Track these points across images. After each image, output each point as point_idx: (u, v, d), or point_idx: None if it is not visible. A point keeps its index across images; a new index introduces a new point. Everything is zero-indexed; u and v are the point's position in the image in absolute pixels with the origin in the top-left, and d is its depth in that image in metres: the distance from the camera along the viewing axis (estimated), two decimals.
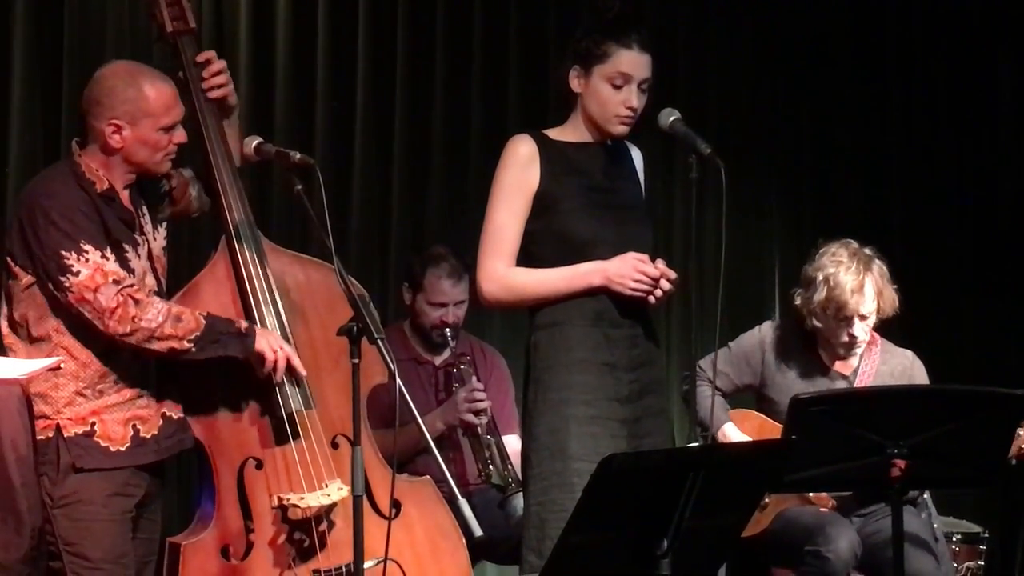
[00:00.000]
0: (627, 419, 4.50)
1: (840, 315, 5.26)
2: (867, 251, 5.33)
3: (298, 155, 4.51)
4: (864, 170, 7.45)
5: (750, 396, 5.52)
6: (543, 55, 6.76)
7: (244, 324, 4.46)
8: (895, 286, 5.34)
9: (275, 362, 4.48)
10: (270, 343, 4.48)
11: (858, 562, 5.18)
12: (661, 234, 6.85)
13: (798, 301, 5.36)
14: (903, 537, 4.61)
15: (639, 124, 4.61)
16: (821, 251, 5.36)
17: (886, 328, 5.49)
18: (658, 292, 4.52)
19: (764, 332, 5.48)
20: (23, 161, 5.71)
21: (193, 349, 4.38)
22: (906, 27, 7.52)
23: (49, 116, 5.79)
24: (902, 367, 5.44)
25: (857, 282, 5.24)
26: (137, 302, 4.32)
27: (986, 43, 7.49)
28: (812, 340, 5.40)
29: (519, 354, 4.73)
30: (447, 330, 5.71)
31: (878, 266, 5.31)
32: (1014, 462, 5.12)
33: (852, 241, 5.36)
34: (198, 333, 4.38)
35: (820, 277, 5.28)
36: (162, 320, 4.34)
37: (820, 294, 5.27)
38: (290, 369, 4.53)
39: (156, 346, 4.36)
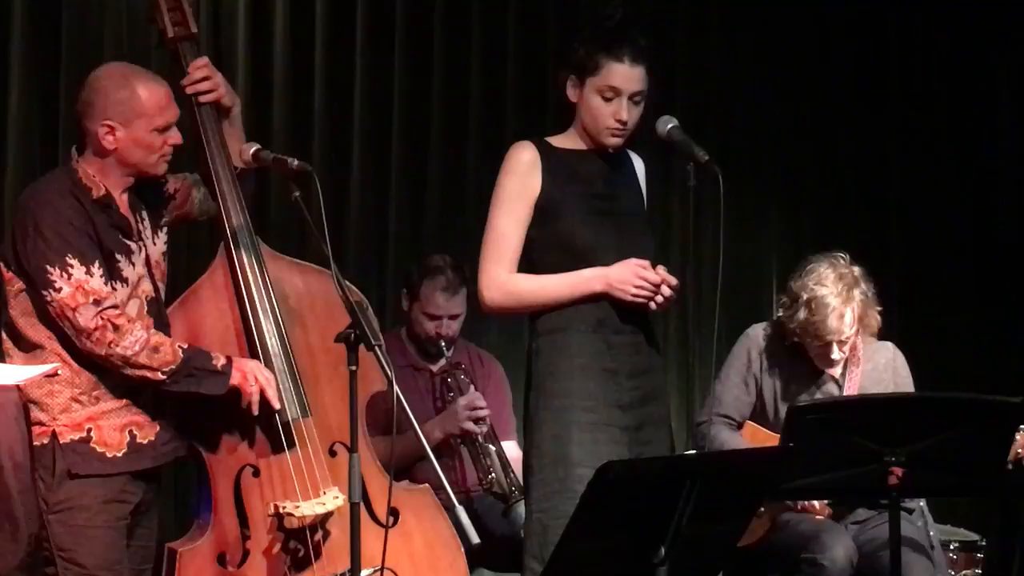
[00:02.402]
0: (628, 426, 4.51)
1: (819, 339, 5.26)
2: (856, 271, 5.31)
3: (296, 162, 4.51)
4: (862, 178, 7.45)
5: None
6: (542, 62, 6.76)
7: (222, 361, 4.44)
8: (876, 309, 5.33)
9: (250, 396, 4.47)
10: (247, 376, 4.46)
11: (854, 570, 5.17)
12: (658, 241, 6.81)
13: (780, 312, 5.37)
14: (900, 545, 4.62)
15: (635, 132, 4.62)
16: (808, 267, 5.33)
17: (882, 336, 5.50)
18: (659, 298, 4.54)
19: (752, 335, 5.47)
20: (20, 165, 5.70)
21: (167, 381, 4.37)
22: (906, 36, 7.52)
23: (46, 120, 5.79)
24: (885, 360, 5.45)
25: (838, 311, 5.22)
26: (116, 327, 4.31)
27: (986, 51, 7.50)
28: (800, 343, 5.41)
29: (516, 360, 4.74)
30: (441, 342, 5.72)
31: (861, 291, 5.29)
32: (1011, 466, 5.12)
33: (841, 259, 5.33)
34: (173, 366, 4.36)
35: (804, 298, 5.26)
36: (138, 349, 4.33)
37: (801, 315, 5.26)
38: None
39: (130, 372, 4.35)
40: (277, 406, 4.52)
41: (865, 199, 7.45)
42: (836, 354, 5.29)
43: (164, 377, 4.37)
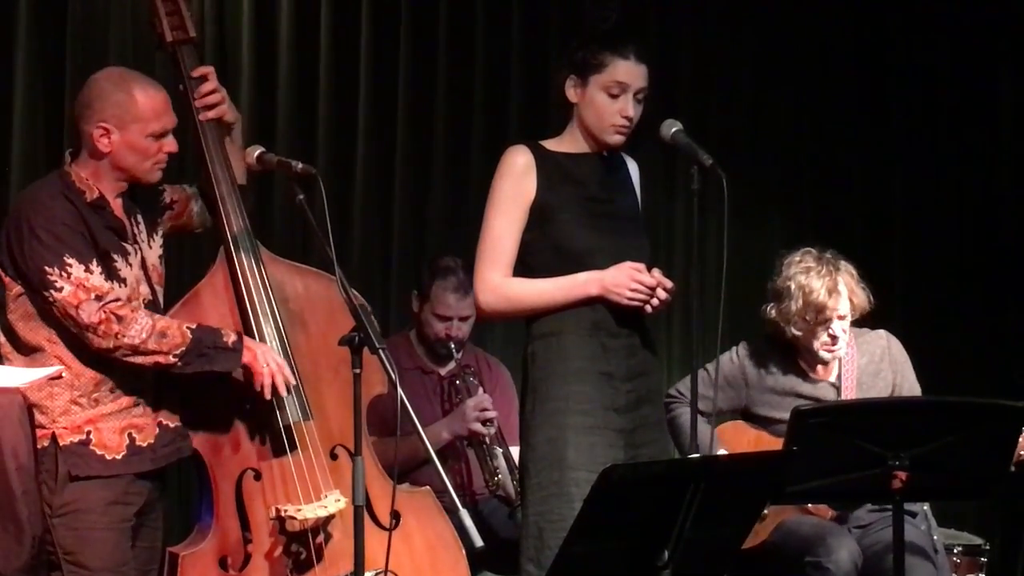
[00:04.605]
0: (624, 429, 4.51)
1: (820, 318, 5.28)
2: (829, 254, 5.36)
3: (300, 165, 4.51)
4: (865, 180, 7.45)
5: (736, 415, 5.51)
6: (545, 65, 6.75)
7: (233, 337, 4.45)
8: (863, 284, 5.36)
9: (262, 377, 4.47)
10: (259, 357, 4.47)
11: (858, 573, 5.17)
12: (663, 245, 6.85)
13: (772, 314, 5.37)
14: (904, 548, 4.61)
15: (639, 134, 4.62)
16: (785, 261, 5.39)
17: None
18: (654, 301, 4.54)
19: (741, 355, 5.48)
20: (24, 166, 5.71)
21: (179, 363, 4.38)
22: (908, 38, 7.52)
23: (51, 122, 5.81)
24: (880, 350, 5.46)
25: (831, 283, 5.28)
26: (120, 318, 4.32)
27: (987, 52, 7.49)
28: (790, 352, 5.41)
29: (520, 364, 4.73)
30: (451, 344, 5.71)
31: (845, 266, 5.36)
32: (1014, 468, 5.10)
33: (812, 248, 5.39)
34: (184, 348, 4.37)
35: (793, 286, 5.30)
36: (145, 336, 4.34)
37: (796, 303, 5.29)
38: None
39: (141, 360, 4.35)
40: (293, 382, 4.52)
41: (868, 201, 7.45)
42: (837, 329, 5.29)
43: (176, 360, 4.38)
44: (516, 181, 4.56)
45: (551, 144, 4.63)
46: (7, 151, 5.74)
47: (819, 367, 5.41)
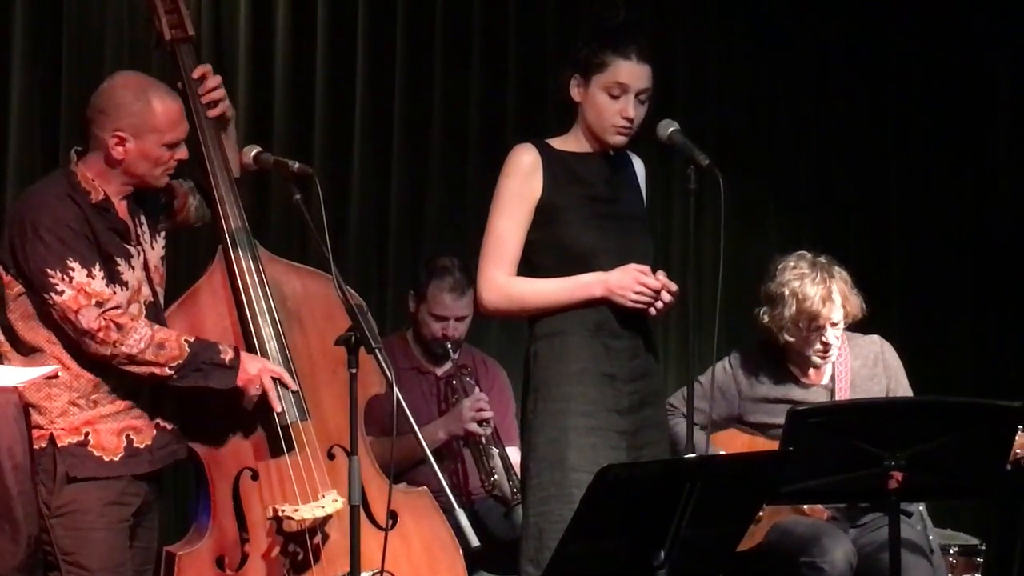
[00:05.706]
0: (626, 430, 4.50)
1: (813, 325, 5.29)
2: (823, 259, 5.37)
3: (297, 164, 4.52)
4: (863, 182, 7.45)
5: (730, 425, 5.51)
6: (542, 63, 6.76)
7: (230, 354, 4.44)
8: (856, 290, 5.36)
9: (251, 400, 4.48)
10: (252, 375, 4.46)
11: (854, 573, 5.18)
12: (659, 245, 6.79)
13: (765, 319, 5.37)
14: (900, 548, 4.62)
15: (637, 134, 4.62)
16: (780, 266, 5.39)
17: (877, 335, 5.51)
18: (659, 304, 4.53)
19: (733, 365, 5.48)
20: (21, 168, 5.71)
21: (174, 376, 4.38)
22: (906, 39, 7.52)
23: (47, 122, 5.80)
24: (873, 354, 5.46)
25: (825, 290, 5.29)
26: (120, 327, 4.32)
27: (985, 52, 7.50)
28: (781, 357, 5.41)
29: (517, 364, 4.73)
30: (448, 343, 5.71)
31: (839, 272, 5.36)
32: (1009, 467, 5.11)
33: (806, 252, 5.40)
34: (180, 361, 4.37)
35: (787, 292, 5.31)
36: (144, 346, 4.34)
37: (790, 309, 5.29)
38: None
39: (136, 370, 4.36)
40: (294, 387, 4.53)
41: (865, 202, 7.45)
42: (830, 336, 5.30)
43: (172, 372, 4.38)
44: (522, 180, 4.55)
45: (557, 143, 4.62)
46: (3, 151, 5.74)
47: (811, 371, 5.41)
